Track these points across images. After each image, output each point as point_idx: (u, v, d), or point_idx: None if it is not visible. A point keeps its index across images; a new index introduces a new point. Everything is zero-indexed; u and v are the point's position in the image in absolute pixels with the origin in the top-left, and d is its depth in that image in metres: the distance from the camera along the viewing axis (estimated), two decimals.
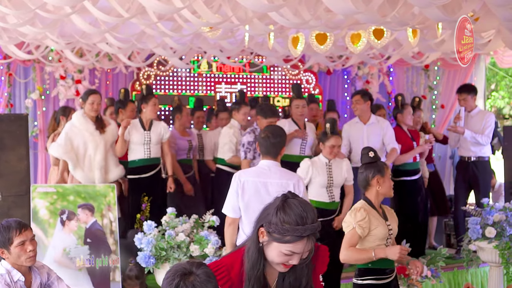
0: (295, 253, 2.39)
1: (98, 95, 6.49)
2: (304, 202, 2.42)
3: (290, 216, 2.36)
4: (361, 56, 7.93)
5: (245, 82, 9.48)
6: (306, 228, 2.35)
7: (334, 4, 4.75)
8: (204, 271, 2.19)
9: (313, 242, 2.42)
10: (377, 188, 4.19)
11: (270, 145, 4.59)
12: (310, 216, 2.36)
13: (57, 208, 5.68)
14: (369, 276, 4.11)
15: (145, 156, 6.77)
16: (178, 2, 4.79)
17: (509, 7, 4.91)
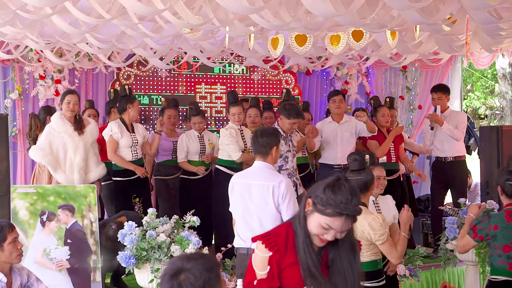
0: (331, 228, 2.61)
1: (74, 95, 6.46)
2: (352, 187, 2.64)
3: (336, 194, 2.59)
4: (340, 57, 8.00)
5: (225, 83, 9.50)
6: (347, 207, 2.57)
7: (314, 6, 4.81)
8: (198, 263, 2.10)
9: (351, 223, 2.63)
10: (371, 191, 4.34)
11: (258, 145, 4.65)
12: (354, 200, 2.59)
13: (37, 209, 5.65)
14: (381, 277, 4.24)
15: (133, 158, 6.78)
16: (159, 4, 4.81)
17: (485, 10, 5.00)
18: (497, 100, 21.60)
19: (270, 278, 2.67)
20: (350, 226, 2.63)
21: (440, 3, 5.48)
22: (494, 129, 7.50)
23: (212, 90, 9.42)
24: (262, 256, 2.69)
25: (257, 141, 4.66)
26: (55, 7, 5.02)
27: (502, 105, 20.01)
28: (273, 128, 5.16)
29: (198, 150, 7.25)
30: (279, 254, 2.67)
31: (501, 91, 19.35)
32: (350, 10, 4.88)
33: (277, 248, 2.67)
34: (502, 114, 20.14)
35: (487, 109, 22.38)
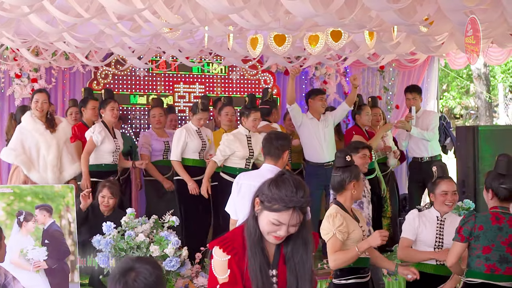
0: (281, 224, 2.59)
1: (43, 94, 6.40)
2: (297, 180, 2.63)
3: (280, 189, 2.59)
4: (319, 57, 8.03)
5: (204, 82, 9.49)
6: (293, 200, 2.56)
7: (293, 6, 4.83)
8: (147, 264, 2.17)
9: (300, 216, 2.61)
10: (352, 192, 4.26)
11: (272, 147, 4.63)
12: (299, 192, 2.58)
13: (14, 209, 5.58)
14: (352, 275, 4.20)
15: (112, 162, 6.74)
16: (139, 3, 4.79)
17: (461, 11, 5.06)
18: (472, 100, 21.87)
19: (232, 281, 2.64)
20: (300, 219, 2.61)
21: (417, 4, 5.54)
22: (470, 129, 7.59)
23: (190, 90, 9.40)
24: (220, 261, 2.66)
25: (272, 143, 4.63)
26: (33, 6, 4.97)
27: (477, 105, 20.27)
28: (285, 133, 5.17)
29: (199, 147, 6.85)
30: (238, 256, 2.64)
31: (476, 91, 19.60)
32: (329, 11, 4.91)
33: (235, 251, 2.65)
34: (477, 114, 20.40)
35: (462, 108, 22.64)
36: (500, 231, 3.97)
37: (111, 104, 6.75)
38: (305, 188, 2.61)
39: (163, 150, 7.38)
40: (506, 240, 3.96)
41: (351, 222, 4.17)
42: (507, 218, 4.01)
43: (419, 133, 7.53)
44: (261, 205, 2.64)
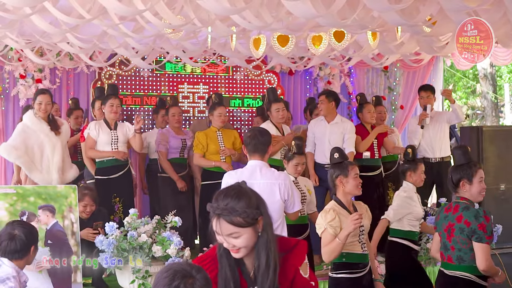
0: (217, 233, 2.54)
1: (46, 95, 6.40)
2: (223, 190, 2.57)
3: (217, 198, 2.53)
4: (323, 57, 8.02)
5: (208, 82, 9.49)
6: (212, 206, 2.51)
7: (295, 7, 4.82)
8: (204, 276, 2.16)
9: (227, 225, 2.49)
10: (342, 188, 4.38)
11: (259, 143, 4.62)
12: (220, 199, 2.50)
13: (17, 210, 5.59)
14: (343, 270, 4.33)
15: (113, 157, 6.76)
16: (140, 4, 4.79)
17: (464, 12, 5.04)
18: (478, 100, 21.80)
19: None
20: (228, 229, 2.51)
21: (420, 4, 5.52)
22: (474, 129, 7.57)
23: (194, 90, 9.41)
24: None
25: (258, 139, 4.63)
26: (35, 7, 4.98)
27: (484, 105, 20.19)
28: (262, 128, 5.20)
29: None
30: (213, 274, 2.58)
31: (482, 91, 19.52)
32: (331, 11, 4.90)
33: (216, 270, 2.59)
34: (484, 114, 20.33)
35: (468, 109, 22.56)
36: (444, 220, 4.11)
37: (110, 100, 6.78)
38: (228, 197, 2.52)
39: (180, 147, 7.50)
40: (446, 227, 4.07)
41: (345, 217, 4.25)
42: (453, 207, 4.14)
43: (459, 106, 7.61)
44: None
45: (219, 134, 7.11)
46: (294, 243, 2.71)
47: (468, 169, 4.11)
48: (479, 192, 4.09)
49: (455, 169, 4.18)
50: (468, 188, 4.08)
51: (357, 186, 4.42)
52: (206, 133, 7.12)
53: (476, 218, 3.89)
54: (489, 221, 3.91)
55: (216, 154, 7.06)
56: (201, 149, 7.05)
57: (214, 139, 7.07)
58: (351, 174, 4.40)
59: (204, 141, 7.04)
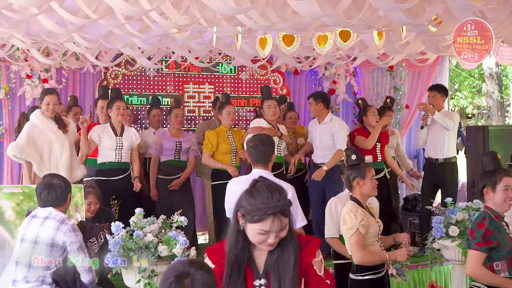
0: (267, 232, 2.58)
1: (54, 95, 6.41)
2: (270, 185, 2.62)
3: (256, 198, 2.58)
4: (328, 57, 8.02)
5: (213, 82, 9.50)
6: (270, 206, 2.55)
7: (301, 7, 4.82)
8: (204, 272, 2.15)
9: (283, 220, 2.59)
10: (359, 189, 4.40)
11: (260, 153, 4.59)
12: (275, 196, 2.57)
13: (23, 209, 5.60)
14: (367, 272, 4.32)
15: (115, 160, 6.79)
16: (146, 4, 4.80)
17: (470, 11, 5.02)
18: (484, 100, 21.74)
19: None
20: (284, 222, 2.60)
21: (426, 4, 5.51)
22: (480, 128, 7.56)
23: (200, 90, 9.42)
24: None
25: (259, 149, 4.60)
26: (41, 7, 4.99)
27: (489, 105, 20.14)
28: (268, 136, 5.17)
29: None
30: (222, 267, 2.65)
31: (488, 90, 19.47)
32: (337, 11, 4.90)
33: (220, 262, 2.66)
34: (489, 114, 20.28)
35: (474, 108, 22.51)
36: None
37: (117, 103, 6.83)
38: (280, 191, 2.61)
39: (175, 150, 7.39)
40: None
41: (369, 217, 4.32)
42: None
43: (441, 118, 7.46)
44: (243, 219, 2.63)
45: (229, 134, 7.08)
46: (306, 240, 2.78)
47: (492, 176, 3.98)
48: (503, 201, 3.93)
49: (481, 175, 4.06)
50: (492, 196, 3.96)
51: (374, 187, 4.45)
52: (217, 132, 7.05)
53: (472, 223, 3.89)
54: (482, 227, 3.82)
55: (227, 154, 7.01)
56: (210, 149, 6.97)
57: (225, 139, 7.01)
58: (368, 176, 4.43)
59: (214, 140, 6.97)
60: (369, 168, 4.46)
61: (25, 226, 4.46)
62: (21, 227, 4.50)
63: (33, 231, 4.37)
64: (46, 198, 4.38)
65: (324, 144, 7.26)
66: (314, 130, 7.40)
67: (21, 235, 4.46)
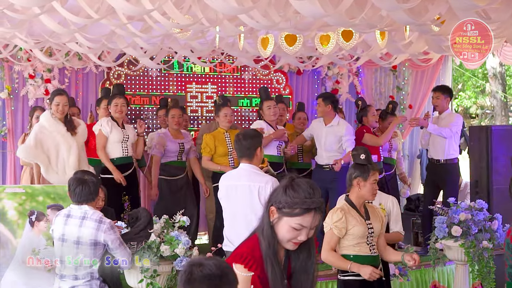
0: (303, 227, 2.56)
1: (64, 96, 6.42)
2: (310, 182, 2.61)
3: (299, 192, 2.55)
4: (331, 57, 8.01)
5: (216, 82, 9.50)
6: (314, 201, 2.54)
7: (303, 7, 4.81)
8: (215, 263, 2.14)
9: (320, 217, 2.59)
10: (357, 190, 4.34)
11: (243, 148, 4.67)
12: (316, 192, 2.57)
13: (26, 209, 5.61)
14: (352, 273, 4.28)
15: (123, 155, 6.84)
16: (148, 4, 4.80)
17: (473, 11, 5.01)
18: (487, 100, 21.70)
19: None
20: (319, 220, 2.59)
21: (429, 3, 5.50)
22: (483, 128, 7.55)
23: (203, 90, 9.42)
24: (244, 276, 2.59)
25: (241, 144, 4.67)
26: (43, 7, 5.00)
27: (493, 105, 20.10)
28: (254, 130, 5.24)
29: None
30: (259, 270, 2.61)
31: (491, 90, 19.43)
32: (339, 11, 4.90)
33: (255, 266, 2.60)
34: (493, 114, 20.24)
35: (478, 108, 22.46)
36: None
37: (115, 100, 6.88)
38: (318, 189, 2.61)
39: (178, 151, 7.42)
40: None
41: (354, 218, 4.26)
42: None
43: (435, 129, 7.45)
44: (279, 212, 2.59)
45: (227, 136, 7.09)
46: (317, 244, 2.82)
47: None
48: None
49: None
50: None
51: (373, 192, 4.38)
52: (213, 135, 7.09)
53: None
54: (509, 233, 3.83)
55: (224, 156, 7.04)
56: (209, 152, 7.01)
57: (222, 141, 7.05)
58: (370, 179, 4.36)
59: (211, 143, 7.01)
60: (373, 172, 4.39)
61: (61, 226, 4.54)
62: (58, 226, 4.57)
63: (73, 232, 4.47)
64: (80, 194, 4.47)
65: (329, 146, 7.25)
66: (320, 130, 7.36)
67: (59, 235, 4.55)
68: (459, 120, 7.80)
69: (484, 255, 5.69)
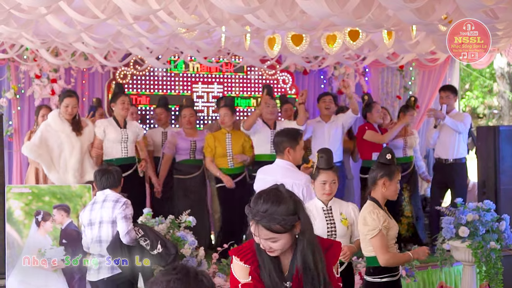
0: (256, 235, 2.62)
1: (73, 98, 6.43)
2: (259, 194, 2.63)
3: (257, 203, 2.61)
4: (337, 57, 7.99)
5: (222, 82, 9.49)
6: (251, 211, 2.59)
7: (309, 6, 4.80)
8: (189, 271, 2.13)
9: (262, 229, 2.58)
10: (382, 190, 4.27)
11: (276, 144, 4.98)
12: (263, 204, 2.57)
13: (32, 209, 5.63)
14: (385, 274, 4.21)
15: (122, 155, 6.76)
16: (154, 4, 4.79)
17: (480, 10, 4.99)
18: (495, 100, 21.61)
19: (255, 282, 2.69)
20: (266, 233, 2.58)
21: (436, 3, 5.47)
22: (491, 129, 7.50)
23: (209, 90, 9.41)
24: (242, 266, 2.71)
25: (274, 140, 5.04)
26: (50, 7, 5.00)
27: (501, 104, 20.01)
28: (293, 129, 5.33)
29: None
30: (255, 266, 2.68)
31: (499, 90, 19.35)
32: (345, 10, 4.88)
33: (251, 260, 2.68)
34: (500, 114, 20.15)
35: (485, 108, 22.38)
36: None
37: (121, 98, 6.84)
38: (263, 201, 2.59)
39: (189, 149, 7.40)
40: None
41: (388, 219, 4.21)
42: None
43: (453, 122, 7.43)
44: None
45: (228, 136, 7.10)
46: (329, 243, 2.82)
47: None
48: None
49: None
50: None
51: (396, 192, 4.32)
52: (214, 136, 7.14)
53: None
54: None
55: (223, 157, 7.07)
56: (210, 152, 7.07)
57: (222, 142, 7.09)
58: (395, 179, 4.29)
59: (212, 143, 7.07)
60: (398, 172, 4.33)
61: (88, 213, 5.00)
62: (85, 214, 5.03)
63: (97, 214, 4.94)
64: (106, 181, 4.96)
65: (334, 138, 7.28)
66: (321, 129, 7.42)
67: (86, 221, 5.01)
68: (469, 119, 7.81)
69: (492, 256, 5.65)
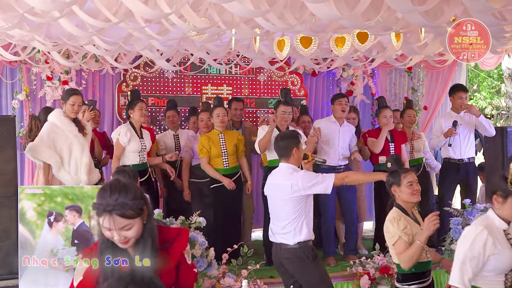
0: (110, 229, 2.72)
1: (79, 96, 6.41)
2: (115, 185, 2.72)
3: (98, 195, 2.74)
4: (346, 59, 8.01)
5: (232, 84, 9.53)
6: (100, 205, 2.68)
7: (318, 9, 4.84)
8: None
9: (118, 218, 2.69)
10: (397, 196, 4.31)
11: (280, 148, 4.93)
12: (110, 195, 2.67)
13: (44, 210, 5.67)
14: (414, 281, 4.20)
15: (139, 162, 6.82)
16: (166, 7, 4.84)
17: (489, 13, 5.02)
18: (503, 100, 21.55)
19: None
20: (121, 221, 2.70)
21: (444, 5, 5.50)
22: (498, 130, 7.51)
23: (218, 91, 9.45)
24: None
25: (279, 144, 4.94)
26: (63, 10, 5.06)
27: (508, 105, 19.96)
28: (292, 130, 5.42)
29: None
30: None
31: (507, 91, 19.30)
32: (355, 13, 4.92)
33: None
34: (508, 114, 20.10)
35: (493, 109, 22.33)
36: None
37: (139, 104, 6.89)
38: (123, 192, 2.68)
39: None
40: None
41: (413, 225, 4.20)
42: None
43: (487, 121, 7.48)
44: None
45: (221, 137, 7.13)
46: (177, 232, 2.95)
47: None
48: None
49: None
50: None
51: (412, 193, 4.27)
52: (208, 136, 7.15)
53: None
54: None
55: (219, 157, 7.10)
56: (206, 153, 7.09)
57: (216, 142, 7.11)
58: (404, 183, 4.28)
59: (207, 144, 7.08)
60: (404, 175, 4.31)
61: None
62: None
63: None
64: None
65: (343, 145, 7.31)
66: (334, 131, 7.33)
67: None
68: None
69: None
